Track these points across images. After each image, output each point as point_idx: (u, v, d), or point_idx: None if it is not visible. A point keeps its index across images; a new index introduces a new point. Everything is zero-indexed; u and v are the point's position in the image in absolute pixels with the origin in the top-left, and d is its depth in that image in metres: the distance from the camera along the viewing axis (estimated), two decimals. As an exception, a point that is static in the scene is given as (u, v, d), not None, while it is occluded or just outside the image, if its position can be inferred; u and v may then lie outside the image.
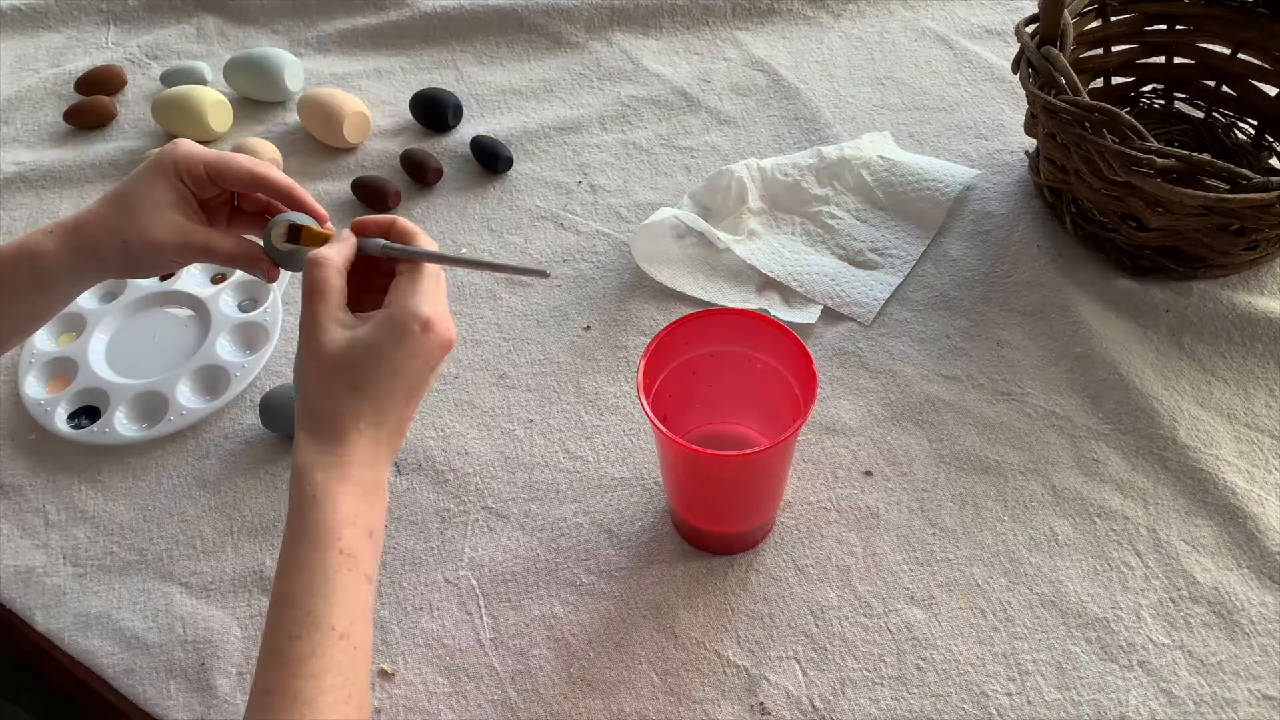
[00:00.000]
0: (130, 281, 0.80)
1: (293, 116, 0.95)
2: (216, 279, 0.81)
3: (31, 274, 0.55)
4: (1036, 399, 0.69)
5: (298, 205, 0.57)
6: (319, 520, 0.45)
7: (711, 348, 0.59)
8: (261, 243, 0.56)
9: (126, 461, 0.71)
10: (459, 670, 0.60)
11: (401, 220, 0.52)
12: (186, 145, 0.56)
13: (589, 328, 0.76)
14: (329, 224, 0.57)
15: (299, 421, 0.48)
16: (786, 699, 0.57)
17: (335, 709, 0.43)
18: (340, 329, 0.48)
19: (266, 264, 0.57)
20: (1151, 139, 0.64)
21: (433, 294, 0.49)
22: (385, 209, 0.86)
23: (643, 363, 0.54)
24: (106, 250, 0.55)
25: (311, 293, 0.48)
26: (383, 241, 0.51)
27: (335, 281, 0.49)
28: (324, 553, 0.45)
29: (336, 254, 0.50)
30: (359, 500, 0.46)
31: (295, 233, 0.55)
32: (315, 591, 0.44)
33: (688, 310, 0.70)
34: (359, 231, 0.52)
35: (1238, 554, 0.61)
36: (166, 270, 0.58)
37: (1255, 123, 0.82)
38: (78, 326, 0.78)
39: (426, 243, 0.51)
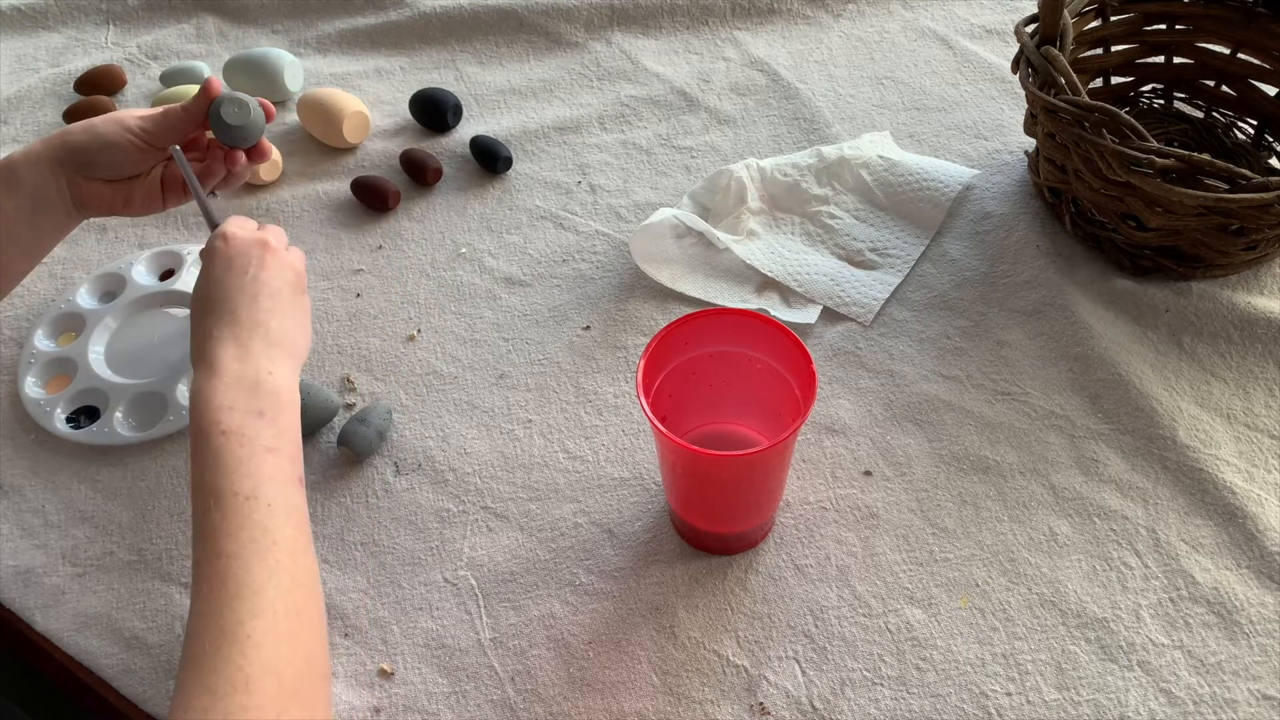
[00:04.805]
0: (130, 281, 0.80)
1: (292, 116, 0.95)
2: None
3: (5, 182, 0.61)
4: (1036, 399, 0.69)
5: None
6: (198, 415, 0.52)
7: (711, 348, 0.59)
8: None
9: (126, 461, 0.71)
10: (458, 670, 0.60)
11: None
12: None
13: (588, 328, 0.76)
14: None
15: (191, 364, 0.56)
16: (786, 699, 0.57)
17: (258, 556, 0.47)
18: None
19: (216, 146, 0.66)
20: (1151, 139, 0.64)
21: (236, 221, 0.60)
22: (385, 209, 0.86)
23: (642, 363, 0.54)
24: (76, 128, 0.61)
25: None
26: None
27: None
28: (209, 439, 0.51)
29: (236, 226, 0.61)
30: (232, 389, 0.53)
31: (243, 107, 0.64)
32: (211, 469, 0.50)
33: (687, 310, 0.70)
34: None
35: (1237, 554, 0.61)
36: (132, 158, 0.63)
37: (1255, 123, 0.82)
38: (77, 326, 0.78)
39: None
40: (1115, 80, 0.85)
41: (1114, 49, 0.83)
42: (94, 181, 0.60)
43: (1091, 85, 0.85)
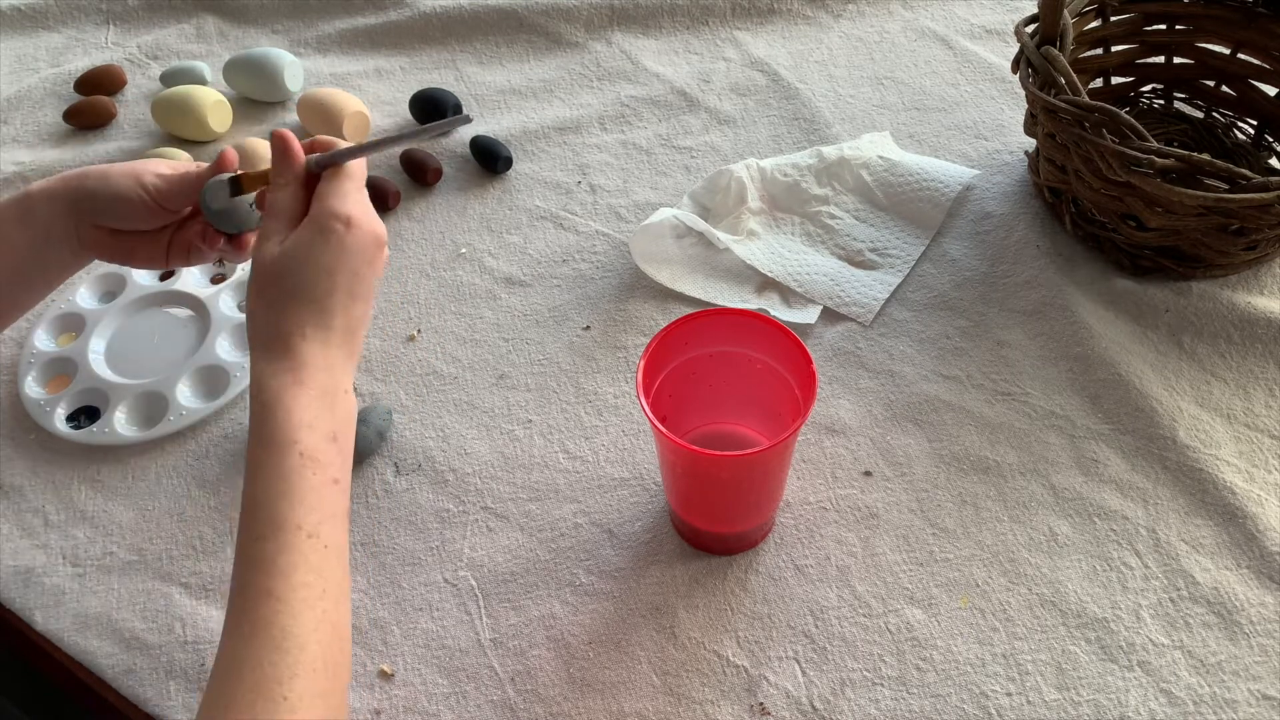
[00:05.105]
0: (130, 281, 0.80)
1: (292, 116, 0.95)
2: (216, 279, 0.81)
3: (22, 214, 0.57)
4: (1036, 399, 0.69)
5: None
6: (275, 426, 0.46)
7: (711, 348, 0.59)
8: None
9: (126, 461, 0.71)
10: (459, 670, 0.60)
11: (322, 137, 0.54)
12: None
13: (588, 328, 0.76)
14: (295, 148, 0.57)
15: (251, 341, 0.49)
16: (786, 699, 0.57)
17: (309, 605, 0.43)
18: (277, 242, 0.49)
19: (211, 234, 0.58)
20: (1151, 139, 0.64)
21: (354, 195, 0.51)
22: (385, 209, 0.86)
23: (642, 363, 0.54)
24: (94, 173, 0.57)
25: (264, 215, 0.51)
26: (314, 156, 0.52)
27: (283, 200, 0.51)
28: (283, 456, 0.45)
29: (290, 174, 0.52)
30: (315, 404, 0.47)
31: (236, 186, 0.56)
32: (278, 493, 0.45)
33: (687, 310, 0.70)
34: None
35: (1237, 554, 0.61)
36: (142, 214, 0.58)
37: (1255, 123, 0.82)
38: (77, 327, 0.78)
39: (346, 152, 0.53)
40: (1115, 80, 0.85)
41: (1114, 49, 0.83)
42: (100, 229, 0.58)
43: (1091, 85, 0.85)
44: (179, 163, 0.59)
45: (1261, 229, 0.67)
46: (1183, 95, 0.86)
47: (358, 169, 0.52)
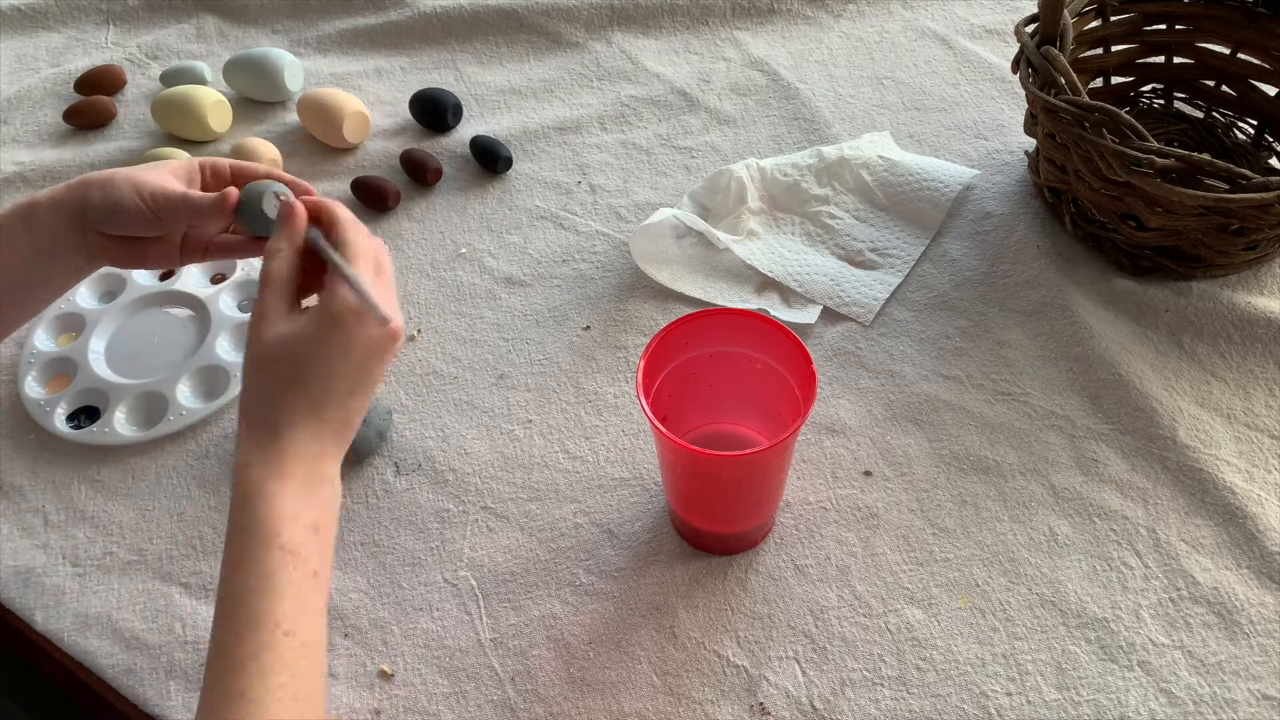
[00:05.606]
0: (130, 281, 0.80)
1: (292, 116, 0.95)
2: (216, 279, 0.81)
3: (26, 221, 0.55)
4: (1036, 399, 0.69)
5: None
6: (256, 517, 0.45)
7: (711, 348, 0.59)
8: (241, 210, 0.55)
9: (126, 461, 0.71)
10: (459, 670, 0.60)
11: (329, 206, 0.51)
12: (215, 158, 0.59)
13: (588, 328, 0.76)
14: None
15: (240, 418, 0.48)
16: (786, 699, 0.57)
17: (284, 706, 0.42)
18: (281, 322, 0.47)
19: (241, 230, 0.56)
20: (1151, 139, 0.64)
21: (371, 283, 0.48)
22: (385, 209, 0.86)
23: (642, 363, 0.54)
24: (95, 182, 0.55)
25: (260, 283, 0.49)
26: (315, 231, 0.50)
27: (283, 271, 0.48)
28: (264, 550, 0.44)
29: (289, 243, 0.49)
30: (299, 496, 0.46)
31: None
32: (256, 589, 0.44)
33: (687, 310, 0.70)
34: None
35: (1237, 554, 0.61)
36: (143, 224, 0.56)
37: (1255, 123, 0.82)
38: (77, 326, 0.78)
39: (352, 230, 0.50)
40: (1115, 80, 0.85)
41: (1114, 49, 0.83)
42: (109, 237, 0.58)
43: (1091, 85, 0.85)
44: (183, 161, 0.58)
45: (1261, 229, 0.67)
46: (1183, 95, 0.86)
47: (373, 252, 0.50)
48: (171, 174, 0.56)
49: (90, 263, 0.59)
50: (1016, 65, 0.75)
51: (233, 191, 0.54)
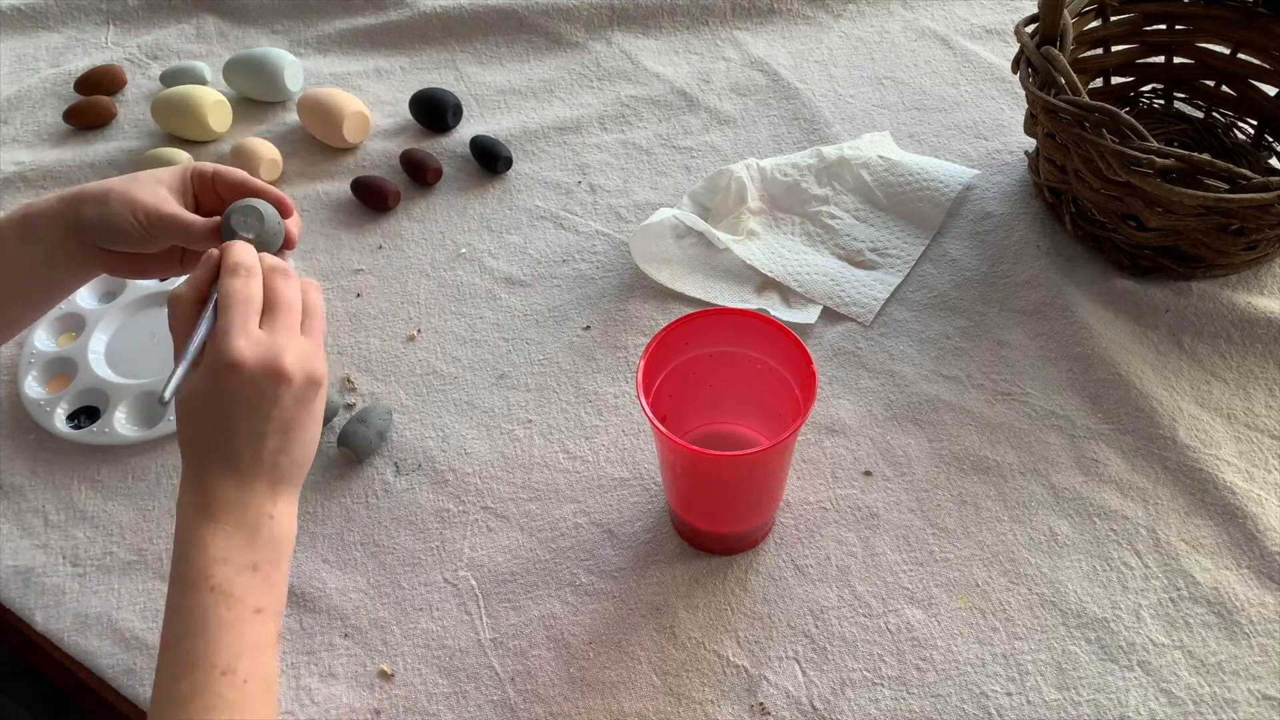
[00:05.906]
0: (130, 281, 0.80)
1: (292, 116, 0.95)
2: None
3: (24, 232, 0.56)
4: (1036, 399, 0.69)
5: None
6: (186, 562, 0.46)
7: (711, 348, 0.59)
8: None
9: (126, 461, 0.71)
10: (459, 670, 0.60)
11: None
12: (201, 163, 0.59)
13: (588, 328, 0.76)
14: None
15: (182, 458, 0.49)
16: (786, 699, 0.57)
17: None
18: (189, 377, 0.48)
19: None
20: (1151, 139, 0.64)
21: (243, 329, 0.47)
22: (385, 209, 0.86)
23: (642, 363, 0.54)
24: (90, 198, 0.55)
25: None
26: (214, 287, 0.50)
27: (187, 328, 0.49)
28: (196, 594, 0.45)
29: (192, 291, 0.50)
30: (231, 539, 0.46)
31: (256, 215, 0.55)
32: (190, 632, 0.45)
33: (687, 310, 0.70)
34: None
35: (1237, 554, 0.61)
36: (138, 243, 0.57)
37: (1255, 123, 0.82)
38: (77, 326, 0.78)
39: (274, 276, 0.51)
40: (1115, 80, 0.85)
41: (1114, 49, 0.83)
42: (106, 250, 0.58)
43: (1091, 85, 0.85)
44: (175, 171, 0.58)
45: (1261, 229, 0.67)
46: (1183, 95, 0.86)
47: (252, 289, 0.49)
48: (167, 189, 0.56)
49: (87, 273, 0.59)
50: (1016, 65, 0.75)
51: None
